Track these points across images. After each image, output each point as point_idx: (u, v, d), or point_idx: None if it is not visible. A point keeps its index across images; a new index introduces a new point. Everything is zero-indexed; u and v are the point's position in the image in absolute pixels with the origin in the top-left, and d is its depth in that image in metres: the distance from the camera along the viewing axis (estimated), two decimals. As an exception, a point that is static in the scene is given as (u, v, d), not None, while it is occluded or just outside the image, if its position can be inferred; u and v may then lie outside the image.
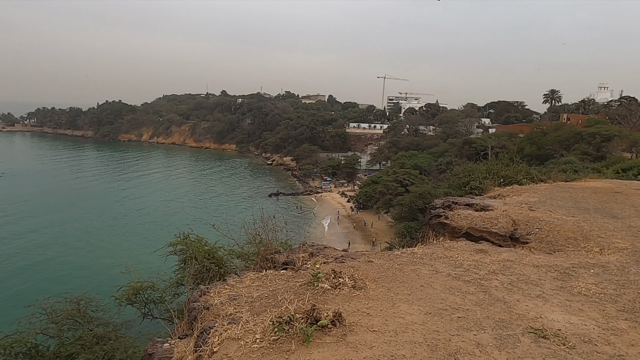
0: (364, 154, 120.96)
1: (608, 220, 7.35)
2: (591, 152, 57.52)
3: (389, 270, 4.50)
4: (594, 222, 7.05)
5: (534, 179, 13.37)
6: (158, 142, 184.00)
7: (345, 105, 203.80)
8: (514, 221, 7.15)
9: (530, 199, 9.16)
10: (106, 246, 54.96)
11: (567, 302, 4.00)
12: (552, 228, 6.61)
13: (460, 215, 7.66)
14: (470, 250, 5.27)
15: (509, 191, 10.58)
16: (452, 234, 7.34)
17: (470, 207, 8.58)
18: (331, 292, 3.75)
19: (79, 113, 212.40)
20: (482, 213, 7.69)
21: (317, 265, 4.06)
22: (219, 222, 60.21)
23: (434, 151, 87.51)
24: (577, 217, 7.35)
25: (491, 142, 74.61)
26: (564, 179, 15.26)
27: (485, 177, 12.59)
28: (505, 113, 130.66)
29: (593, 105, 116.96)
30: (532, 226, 6.87)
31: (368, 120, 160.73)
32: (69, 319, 12.27)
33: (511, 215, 7.37)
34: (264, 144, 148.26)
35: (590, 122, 73.28)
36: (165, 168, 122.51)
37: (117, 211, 72.53)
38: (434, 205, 9.07)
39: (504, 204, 8.74)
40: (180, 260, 13.21)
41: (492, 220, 7.26)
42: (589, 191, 10.94)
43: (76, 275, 43.15)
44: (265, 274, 4.53)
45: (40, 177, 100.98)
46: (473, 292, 4.03)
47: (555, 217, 7.21)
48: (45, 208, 71.38)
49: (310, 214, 78.78)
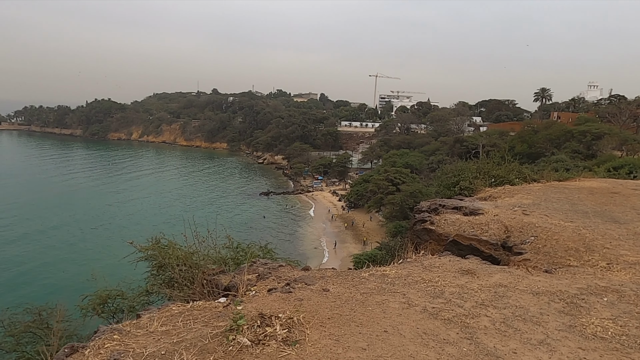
0: (356, 152, 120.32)
1: (610, 225, 6.65)
2: (582, 150, 57.44)
3: (347, 303, 3.58)
4: (596, 229, 6.35)
5: (526, 178, 12.72)
6: (148, 140, 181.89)
7: (337, 104, 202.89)
8: (507, 227, 6.43)
9: (524, 201, 8.45)
10: (85, 251, 53.33)
11: (581, 351, 3.05)
12: (549, 236, 5.89)
13: (447, 220, 6.92)
14: (454, 271, 4.44)
15: (500, 192, 9.87)
16: (437, 241, 6.61)
17: (459, 210, 7.85)
18: (251, 350, 2.78)
19: (67, 111, 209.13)
20: (472, 218, 6.96)
21: (239, 307, 3.13)
22: (206, 223, 57.78)
23: (425, 150, 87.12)
24: (576, 223, 6.64)
25: (482, 140, 74.43)
26: (557, 178, 14.65)
27: (476, 177, 11.90)
28: (497, 111, 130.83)
29: (583, 103, 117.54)
30: (527, 233, 6.15)
31: (360, 119, 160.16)
32: (28, 332, 11.35)
33: (503, 220, 6.65)
34: (255, 142, 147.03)
35: (580, 120, 73.31)
36: (154, 168, 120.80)
37: (102, 214, 70.81)
38: (419, 208, 8.33)
39: (495, 206, 8.02)
40: (152, 267, 12.30)
41: (482, 226, 6.54)
42: (585, 192, 10.28)
43: (47, 283, 41.67)
44: (187, 308, 3.67)
45: (25, 177, 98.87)
46: (454, 341, 3.08)
47: (553, 223, 6.50)
48: (28, 211, 69.47)
49: (300, 213, 77.96)
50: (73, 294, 14.46)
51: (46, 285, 40.90)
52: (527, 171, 13.41)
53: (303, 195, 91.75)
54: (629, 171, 28.94)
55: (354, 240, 61.82)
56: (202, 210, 74.70)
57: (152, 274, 12.38)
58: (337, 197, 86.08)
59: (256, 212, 76.01)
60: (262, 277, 4.61)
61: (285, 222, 71.32)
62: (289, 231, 66.62)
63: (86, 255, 50.63)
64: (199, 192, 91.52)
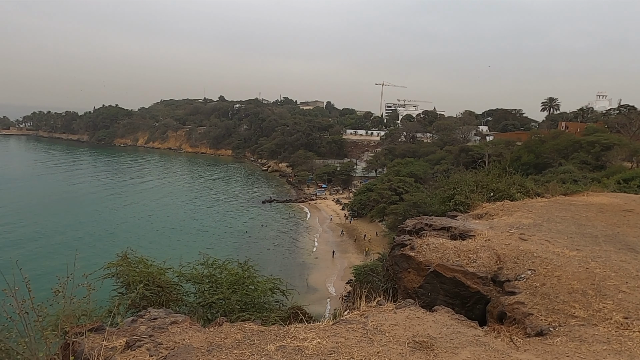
0: (360, 160, 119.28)
1: (625, 255, 5.56)
2: (590, 161, 55.92)
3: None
4: (607, 260, 5.27)
5: (529, 192, 11.64)
6: (154, 146, 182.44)
7: (343, 112, 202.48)
8: (499, 257, 5.38)
9: (523, 221, 7.38)
10: (63, 260, 52.02)
11: None
12: (550, 271, 4.83)
13: (430, 245, 5.89)
14: (404, 342, 3.24)
15: (498, 208, 8.80)
16: (417, 270, 5.58)
17: (447, 231, 6.81)
18: None
19: (74, 117, 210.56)
20: (459, 243, 5.92)
21: None
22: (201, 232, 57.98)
23: (430, 159, 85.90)
24: (583, 252, 5.57)
25: (488, 149, 73.13)
26: (564, 192, 13.54)
27: (473, 191, 10.84)
28: (503, 121, 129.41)
29: (592, 113, 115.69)
30: (523, 265, 5.10)
31: (365, 127, 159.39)
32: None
33: (496, 247, 5.60)
34: (259, 149, 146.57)
35: (588, 130, 71.76)
36: (158, 174, 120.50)
37: (103, 221, 69.92)
38: (403, 227, 7.30)
39: (489, 227, 6.97)
40: (122, 285, 11.34)
41: (470, 253, 5.50)
42: (594, 209, 9.18)
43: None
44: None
45: (31, 183, 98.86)
46: None
47: (555, 252, 5.44)
48: (29, 217, 68.91)
49: (301, 221, 76.82)
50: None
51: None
52: (531, 184, 12.30)
53: (306, 204, 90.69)
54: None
55: (355, 251, 60.54)
56: (202, 219, 73.86)
57: (119, 292, 11.45)
58: (340, 206, 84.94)
59: (257, 221, 75.01)
60: (133, 344, 3.59)
61: (286, 231, 70.23)
62: (290, 240, 65.50)
63: (60, 266, 48.38)
64: (200, 199, 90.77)
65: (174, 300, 10.88)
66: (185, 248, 50.74)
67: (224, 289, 11.01)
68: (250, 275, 11.99)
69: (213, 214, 78.17)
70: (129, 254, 11.47)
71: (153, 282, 10.69)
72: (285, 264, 54.33)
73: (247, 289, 11.37)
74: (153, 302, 10.42)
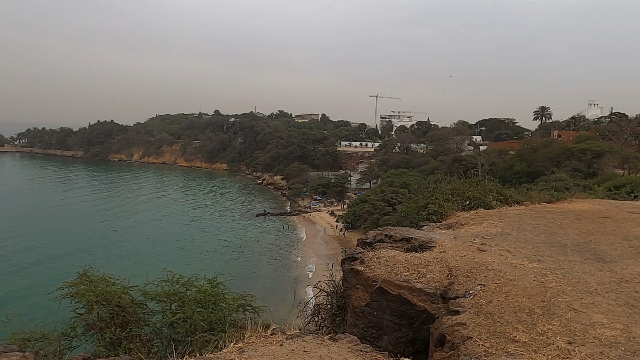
0: (355, 172, 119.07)
1: (590, 266, 5.06)
2: (582, 169, 55.79)
3: None
4: (569, 272, 4.76)
5: (507, 200, 11.19)
6: (149, 161, 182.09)
7: (338, 124, 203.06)
8: (451, 270, 4.89)
9: (491, 230, 6.90)
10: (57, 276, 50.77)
11: None
12: (500, 285, 4.31)
13: (380, 258, 5.38)
14: None
15: (469, 217, 8.33)
16: (365, 287, 5.06)
17: (408, 242, 6.32)
18: None
19: (69, 133, 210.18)
20: (411, 256, 5.42)
21: None
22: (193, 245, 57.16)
23: (424, 169, 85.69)
24: (544, 263, 5.08)
25: (481, 159, 73.01)
26: (548, 199, 13.10)
27: (448, 199, 10.38)
28: (496, 130, 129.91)
29: (583, 121, 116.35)
30: (475, 279, 4.60)
31: (360, 139, 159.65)
32: None
33: (449, 259, 5.10)
34: (254, 163, 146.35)
35: (580, 138, 71.86)
36: (152, 189, 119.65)
37: (92, 237, 68.69)
38: (364, 239, 6.81)
39: (453, 237, 6.48)
40: (82, 306, 10.72)
41: (421, 267, 5.00)
42: (571, 216, 8.71)
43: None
44: None
45: (22, 199, 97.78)
46: None
47: (512, 264, 4.96)
48: (15, 233, 67.67)
49: (295, 234, 76.03)
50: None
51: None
52: (509, 192, 11.86)
53: (300, 216, 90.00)
54: (630, 190, 27.32)
55: (349, 263, 59.83)
56: (193, 233, 72.94)
57: (77, 313, 10.85)
58: (335, 218, 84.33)
59: (251, 234, 74.19)
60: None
61: (279, 244, 69.43)
62: (283, 253, 64.69)
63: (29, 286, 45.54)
64: (193, 213, 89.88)
65: (134, 321, 10.27)
66: (174, 262, 49.90)
67: (187, 308, 10.43)
68: (218, 292, 11.43)
69: (205, 228, 77.31)
70: (90, 272, 10.91)
71: (110, 302, 10.10)
72: (277, 278, 53.49)
73: (214, 306, 10.79)
74: (110, 323, 9.83)
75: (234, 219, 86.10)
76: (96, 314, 9.87)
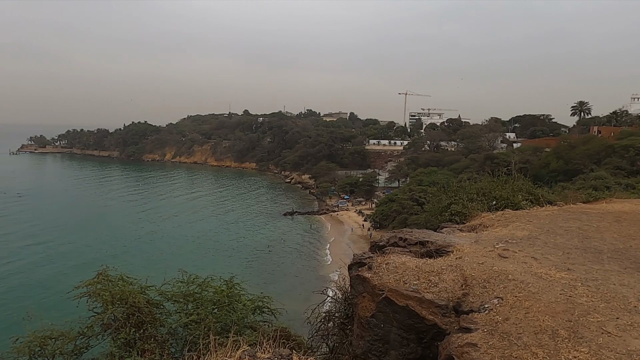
0: (384, 171, 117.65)
1: (630, 277, 4.42)
2: (625, 166, 52.74)
3: None
4: (603, 285, 4.14)
5: (539, 200, 10.41)
6: (180, 161, 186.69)
7: (366, 122, 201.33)
8: (466, 279, 4.38)
9: (517, 233, 6.30)
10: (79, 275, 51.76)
11: None
12: (520, 299, 3.75)
13: (390, 264, 4.92)
14: None
15: (495, 219, 7.72)
16: (372, 296, 4.62)
17: (423, 246, 5.83)
18: None
19: (105, 134, 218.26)
20: (424, 262, 4.93)
21: None
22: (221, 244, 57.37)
23: (454, 167, 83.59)
24: (574, 273, 4.47)
25: (514, 157, 70.49)
26: (585, 199, 12.16)
27: (472, 199, 9.73)
28: (531, 127, 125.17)
29: (626, 116, 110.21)
30: (492, 290, 4.07)
31: (388, 137, 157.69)
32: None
33: (465, 267, 4.59)
34: (283, 162, 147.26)
35: (623, 134, 67.98)
36: (183, 187, 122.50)
37: (126, 234, 70.78)
38: (377, 242, 6.37)
39: (474, 241, 5.94)
40: (100, 305, 10.75)
41: (433, 275, 4.51)
42: (609, 218, 7.93)
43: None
44: None
45: (59, 198, 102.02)
46: None
47: (537, 273, 4.39)
48: (49, 231, 70.26)
49: (322, 233, 75.76)
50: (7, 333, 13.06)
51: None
52: (541, 191, 11.05)
53: (328, 215, 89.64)
54: (678, 189, 25.53)
55: (377, 263, 59.05)
56: (222, 232, 73.92)
57: (95, 312, 10.89)
58: (363, 217, 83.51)
59: (278, 233, 74.51)
60: None
61: (306, 244, 69.34)
62: (309, 253, 64.57)
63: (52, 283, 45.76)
64: (222, 212, 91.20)
65: (150, 322, 10.20)
66: (203, 261, 50.73)
67: (201, 310, 10.27)
68: (234, 293, 11.23)
69: (233, 227, 78.24)
70: (107, 272, 10.93)
71: (126, 302, 10.05)
72: (304, 278, 53.36)
73: (228, 308, 10.59)
74: (125, 323, 9.79)
75: (262, 218, 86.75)
76: (111, 313, 9.85)
